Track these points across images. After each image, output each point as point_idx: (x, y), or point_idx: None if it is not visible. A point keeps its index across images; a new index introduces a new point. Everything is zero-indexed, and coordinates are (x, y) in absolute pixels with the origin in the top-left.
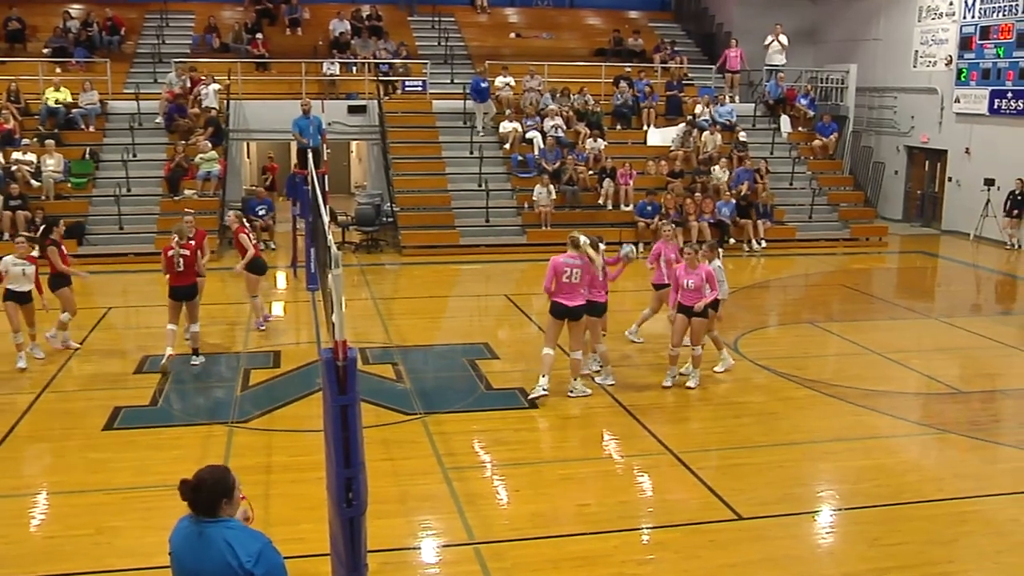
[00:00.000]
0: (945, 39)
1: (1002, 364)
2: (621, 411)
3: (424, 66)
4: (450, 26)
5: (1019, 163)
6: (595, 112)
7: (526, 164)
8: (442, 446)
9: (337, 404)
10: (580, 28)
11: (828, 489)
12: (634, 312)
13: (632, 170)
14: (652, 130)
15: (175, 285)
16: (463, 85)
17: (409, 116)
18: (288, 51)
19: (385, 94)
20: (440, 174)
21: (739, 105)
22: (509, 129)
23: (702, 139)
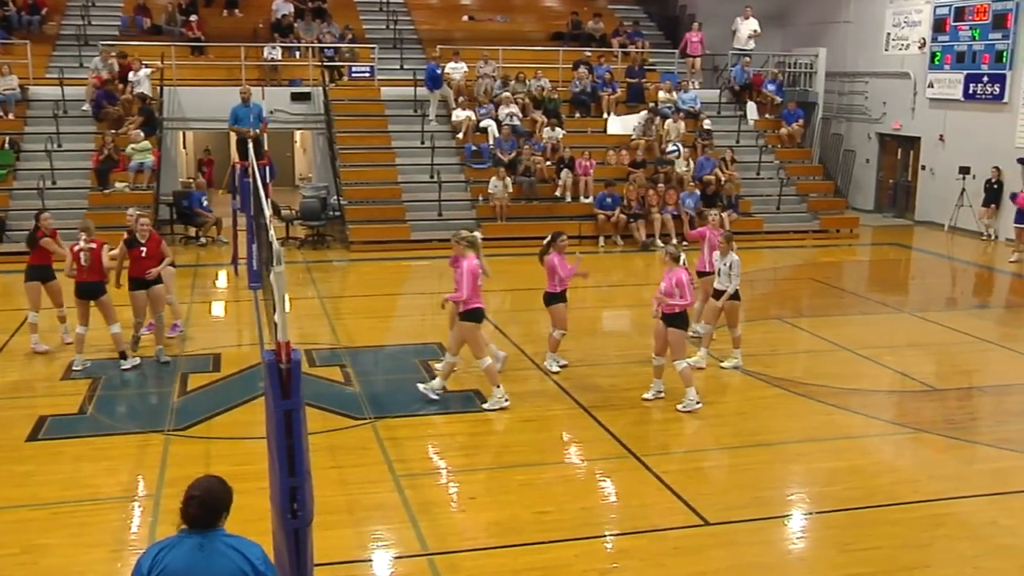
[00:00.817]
0: (918, 21)
1: (979, 360)
2: (582, 413)
3: (372, 51)
4: (399, 8)
5: (995, 150)
6: (552, 99)
7: (480, 154)
8: (393, 452)
9: (280, 409)
10: (536, 10)
11: (798, 492)
12: (598, 309)
13: (591, 160)
14: (612, 118)
15: (80, 282)
16: (413, 71)
17: (356, 104)
18: (226, 34)
19: (330, 80)
20: (390, 165)
21: (704, 91)
22: (462, 118)
23: (665, 127)
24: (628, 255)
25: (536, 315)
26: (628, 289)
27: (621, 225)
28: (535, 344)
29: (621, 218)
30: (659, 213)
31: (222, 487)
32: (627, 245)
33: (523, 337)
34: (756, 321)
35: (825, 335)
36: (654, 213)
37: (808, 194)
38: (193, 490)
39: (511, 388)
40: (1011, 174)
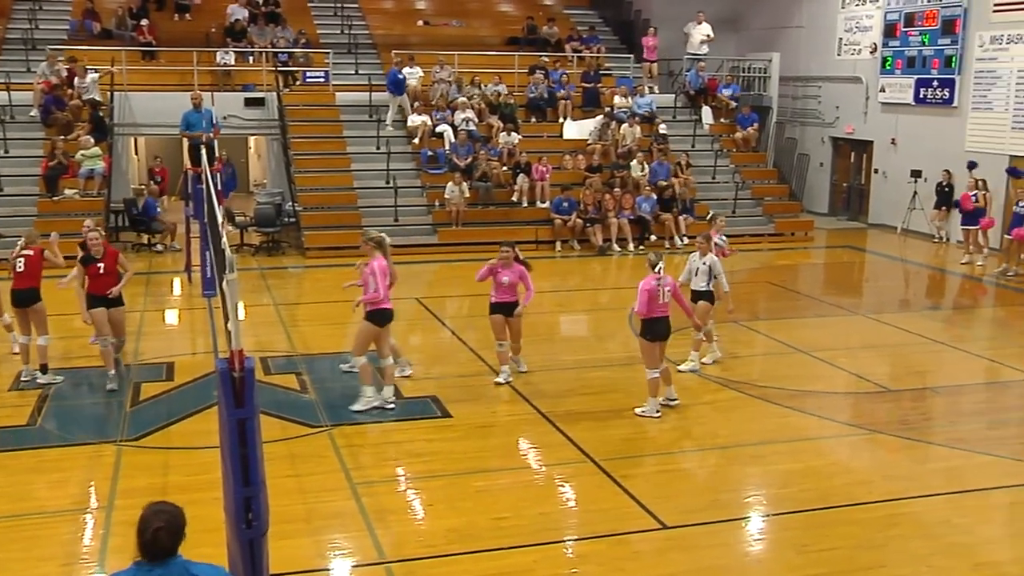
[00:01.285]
0: (869, 26)
1: (931, 361)
2: (540, 419)
3: (326, 56)
4: (353, 13)
5: (945, 154)
6: (508, 104)
7: (436, 160)
8: (350, 460)
9: (234, 418)
10: (492, 15)
11: (755, 494)
12: (555, 314)
13: (548, 165)
14: (568, 123)
15: (14, 289)
16: (368, 76)
17: (311, 109)
18: (178, 39)
19: (284, 86)
20: (345, 171)
21: (659, 96)
22: (418, 123)
23: (621, 132)
24: (585, 259)
25: None
26: (585, 294)
27: (578, 230)
28: (491, 350)
29: (578, 223)
30: (615, 217)
31: (179, 509)
32: (584, 249)
33: (481, 343)
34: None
35: (781, 338)
36: (611, 217)
37: (763, 198)
38: (155, 520)
39: (469, 394)
40: (961, 177)
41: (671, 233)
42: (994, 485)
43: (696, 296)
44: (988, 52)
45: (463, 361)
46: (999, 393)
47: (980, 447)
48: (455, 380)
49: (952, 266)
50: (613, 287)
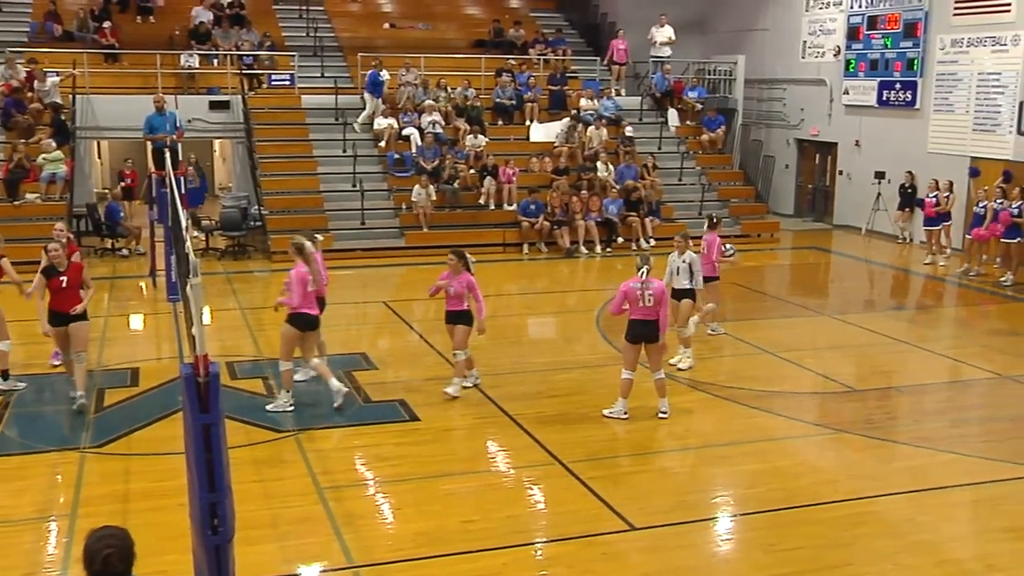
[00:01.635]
0: (833, 29)
1: (896, 360)
2: (508, 421)
3: (292, 59)
4: (319, 16)
5: (908, 155)
6: (475, 107)
7: (403, 163)
8: (317, 464)
9: (199, 424)
10: (458, 18)
11: (722, 495)
12: (523, 316)
13: (515, 167)
14: (535, 125)
15: None
16: (334, 79)
17: (276, 112)
18: (141, 41)
19: (250, 89)
20: (311, 174)
21: (625, 98)
22: (384, 126)
23: (587, 134)
24: (552, 262)
25: None
26: (553, 296)
27: (545, 232)
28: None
29: (545, 225)
30: (583, 219)
31: (125, 532)
32: (551, 252)
33: (448, 346)
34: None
35: (747, 338)
36: (578, 220)
37: (729, 199)
38: (103, 547)
39: (437, 398)
40: (924, 178)
41: (638, 235)
42: (957, 483)
43: (678, 294)
44: (949, 55)
45: (431, 364)
46: (961, 392)
47: (943, 445)
48: (423, 383)
49: (915, 266)
50: (580, 289)
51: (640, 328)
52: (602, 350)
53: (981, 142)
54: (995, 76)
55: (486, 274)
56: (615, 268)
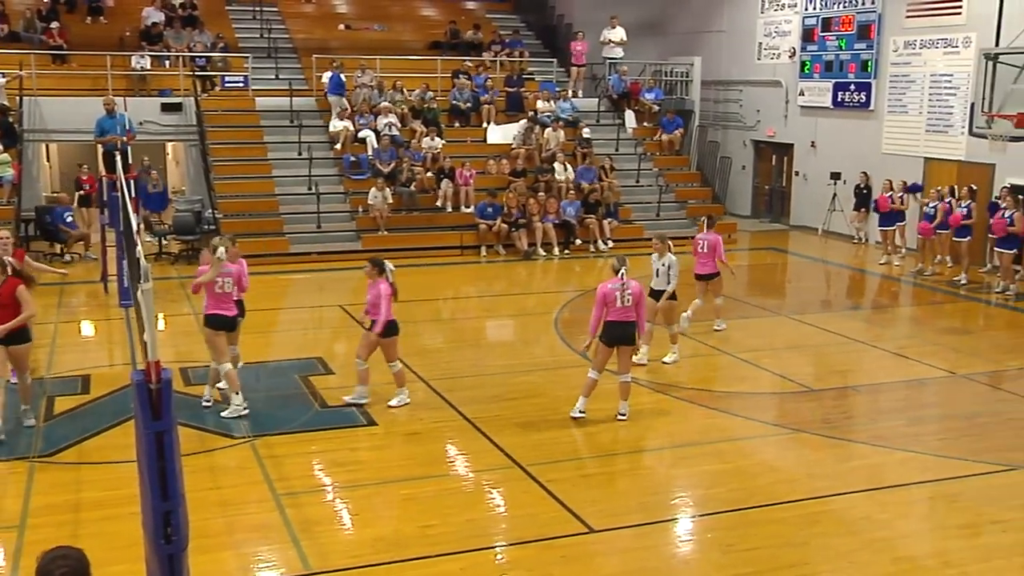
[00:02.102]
0: (788, 31)
1: (852, 360)
2: (466, 425)
3: (245, 60)
4: (273, 17)
5: (863, 156)
6: (432, 109)
7: (359, 165)
8: (274, 471)
9: (151, 431)
10: (414, 19)
11: (681, 496)
12: (481, 319)
13: (472, 170)
14: (492, 127)
15: None
16: (289, 81)
17: (230, 115)
18: (90, 42)
19: (203, 91)
20: (266, 177)
21: (582, 100)
22: (340, 128)
23: (544, 136)
24: (510, 264)
25: (420, 327)
26: (511, 299)
27: (503, 234)
28: (419, 356)
29: (503, 227)
30: (540, 222)
31: (80, 552)
32: (509, 254)
33: (406, 349)
34: None
35: (705, 339)
36: (535, 222)
37: (687, 201)
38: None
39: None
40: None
41: (595, 237)
42: (913, 481)
43: (657, 295)
44: (902, 56)
45: (388, 370)
46: (916, 390)
47: (899, 444)
48: (380, 388)
49: (871, 266)
50: (539, 292)
51: (619, 330)
52: (561, 352)
53: (934, 143)
54: (947, 77)
55: (443, 277)
56: (573, 270)
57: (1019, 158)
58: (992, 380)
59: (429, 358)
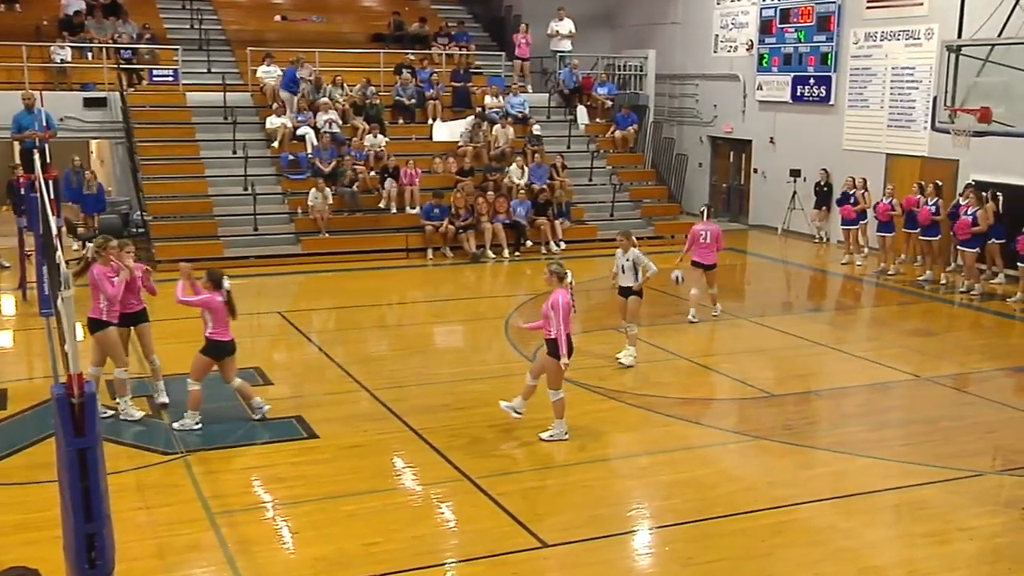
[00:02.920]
0: (745, 23)
1: (814, 363)
2: (412, 436)
3: (175, 53)
4: (204, 7)
5: (823, 153)
6: (374, 105)
7: (298, 164)
8: (208, 488)
9: (73, 448)
10: (355, 10)
11: (637, 507)
12: (428, 325)
13: (417, 169)
14: (438, 124)
15: None
16: (221, 75)
17: (159, 111)
18: (5, 32)
19: (129, 85)
20: (199, 177)
21: (532, 95)
22: (277, 125)
23: (493, 133)
24: (458, 267)
25: (364, 334)
26: (459, 303)
27: (450, 236)
28: (363, 364)
29: (450, 229)
30: (489, 222)
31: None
32: (457, 257)
33: (349, 357)
34: (591, 332)
35: (662, 344)
36: (484, 222)
37: (641, 200)
38: None
39: (337, 413)
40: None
41: (547, 238)
42: (877, 488)
43: (624, 292)
44: (863, 49)
45: (331, 378)
46: (879, 394)
47: (862, 450)
48: (322, 398)
49: (833, 266)
50: (488, 296)
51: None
52: (511, 359)
53: (896, 138)
54: (909, 71)
55: (388, 281)
56: (524, 273)
57: (983, 154)
58: (957, 383)
59: (373, 366)
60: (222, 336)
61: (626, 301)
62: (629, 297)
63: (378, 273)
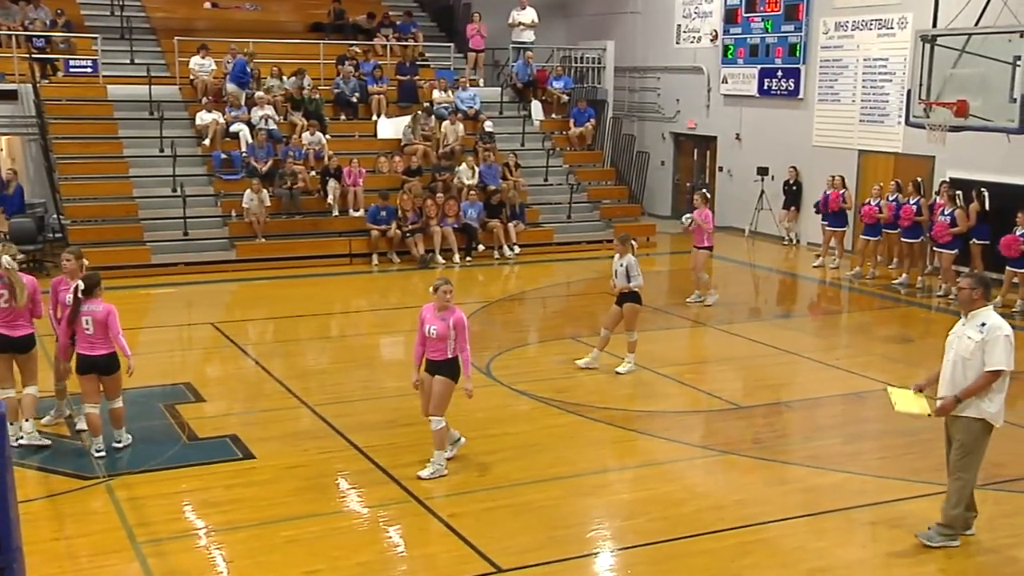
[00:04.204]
0: (709, 12)
1: (784, 373)
2: (356, 455)
3: (94, 41)
4: None
5: (792, 150)
6: (314, 99)
7: (231, 163)
8: (133, 515)
9: None
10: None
11: (598, 528)
12: (373, 336)
13: (361, 168)
14: (383, 120)
15: None
16: (146, 66)
17: (77, 105)
18: None
19: (42, 76)
20: (122, 177)
21: (484, 89)
22: (208, 121)
23: (441, 130)
24: (406, 274)
25: (304, 345)
26: (407, 312)
27: (397, 241)
28: (303, 378)
29: (396, 233)
30: (438, 225)
31: None
32: (404, 262)
33: (288, 371)
34: (548, 342)
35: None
36: (433, 226)
37: (600, 201)
38: None
39: (275, 431)
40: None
41: (500, 242)
42: (850, 504)
43: (620, 299)
44: (833, 40)
45: (269, 393)
46: (853, 405)
47: (836, 464)
48: (259, 415)
49: (804, 270)
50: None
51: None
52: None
53: (869, 134)
54: (882, 62)
55: (330, 289)
56: (476, 279)
57: (960, 150)
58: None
59: (314, 380)
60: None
61: (621, 309)
62: (625, 304)
63: (319, 280)
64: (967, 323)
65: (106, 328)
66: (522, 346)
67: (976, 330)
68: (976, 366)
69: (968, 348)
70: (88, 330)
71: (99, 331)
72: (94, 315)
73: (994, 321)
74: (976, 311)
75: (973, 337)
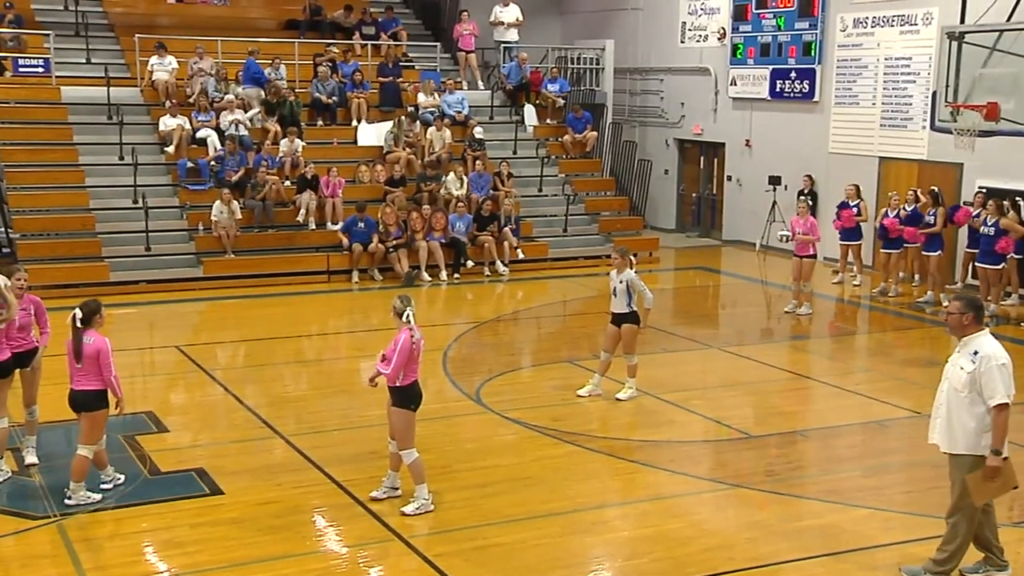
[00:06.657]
0: (717, 8)
1: (799, 399)
2: (335, 489)
3: (46, 39)
4: None
5: (806, 157)
6: (289, 103)
7: (198, 173)
8: (88, 558)
9: None
10: None
11: (597, 569)
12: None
13: (340, 178)
14: (364, 126)
15: None
16: (104, 66)
17: (27, 108)
18: None
19: None
20: (77, 187)
21: (473, 93)
22: (173, 126)
23: (427, 136)
24: (388, 292)
25: (278, 370)
26: (390, 334)
27: (379, 256)
28: (277, 406)
29: (379, 247)
30: (424, 240)
31: None
32: (387, 280)
33: (260, 398)
34: (543, 365)
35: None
36: (419, 240)
37: (599, 213)
38: None
39: (246, 464)
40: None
41: (492, 257)
42: (875, 543)
43: (618, 319)
44: (852, 38)
45: (238, 423)
46: (875, 435)
47: (856, 499)
48: (228, 447)
49: (821, 287)
50: (424, 324)
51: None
52: (451, 398)
53: (891, 140)
54: (905, 61)
55: (307, 308)
56: (464, 298)
57: (990, 157)
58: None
59: (290, 408)
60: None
61: (619, 330)
62: (623, 326)
63: (295, 300)
64: (961, 350)
65: (97, 363)
66: (515, 370)
67: (968, 360)
68: (965, 403)
69: (960, 379)
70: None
71: (89, 365)
72: (85, 348)
73: (987, 350)
74: (969, 337)
75: (965, 368)
